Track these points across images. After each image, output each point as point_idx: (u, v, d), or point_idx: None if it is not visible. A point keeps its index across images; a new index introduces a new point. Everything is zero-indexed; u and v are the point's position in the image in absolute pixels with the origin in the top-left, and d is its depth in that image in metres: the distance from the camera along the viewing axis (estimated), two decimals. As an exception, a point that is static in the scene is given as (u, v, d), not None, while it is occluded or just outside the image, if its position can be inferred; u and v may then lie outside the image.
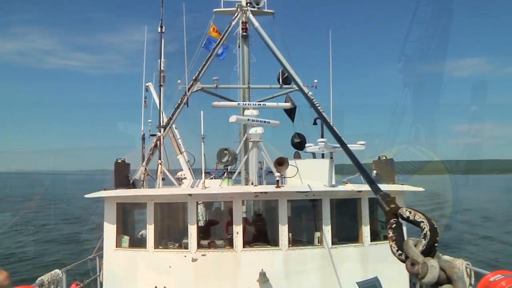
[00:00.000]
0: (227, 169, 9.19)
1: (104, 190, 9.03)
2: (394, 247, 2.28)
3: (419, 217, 2.16)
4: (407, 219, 2.24)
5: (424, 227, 2.09)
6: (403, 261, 2.17)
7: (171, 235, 9.37)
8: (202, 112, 8.60)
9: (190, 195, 8.52)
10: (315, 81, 12.24)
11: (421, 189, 9.35)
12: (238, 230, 8.44)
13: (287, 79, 12.33)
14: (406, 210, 2.28)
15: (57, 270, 8.97)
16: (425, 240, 2.06)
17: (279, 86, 12.31)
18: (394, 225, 2.39)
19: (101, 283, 10.10)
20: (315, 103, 10.76)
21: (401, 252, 2.20)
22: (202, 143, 8.53)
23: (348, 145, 9.35)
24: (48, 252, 24.71)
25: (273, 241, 8.81)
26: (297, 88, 11.52)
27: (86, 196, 9.03)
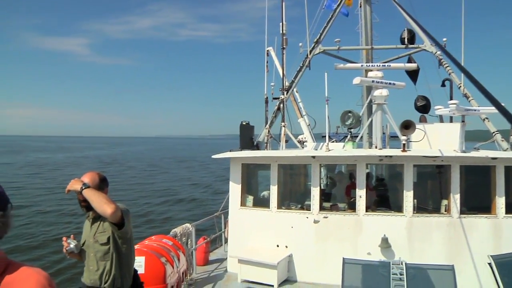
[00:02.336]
0: (350, 132, 9.03)
1: (230, 151, 9.45)
2: None
3: None
4: None
5: None
6: None
7: (293, 197, 9.57)
8: (326, 74, 8.47)
9: (313, 157, 8.54)
10: (444, 39, 11.37)
11: None
12: (361, 194, 8.32)
13: (412, 39, 11.62)
14: None
15: (187, 224, 9.64)
16: None
17: (404, 46, 11.61)
18: None
19: (226, 239, 10.73)
20: (445, 64, 10.08)
21: None
22: (326, 105, 8.43)
23: (484, 108, 8.69)
24: (179, 209, 26.73)
25: (395, 207, 8.54)
26: (424, 48, 10.81)
27: (213, 156, 9.53)
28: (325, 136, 9.98)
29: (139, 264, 5.52)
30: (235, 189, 9.38)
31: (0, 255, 1.67)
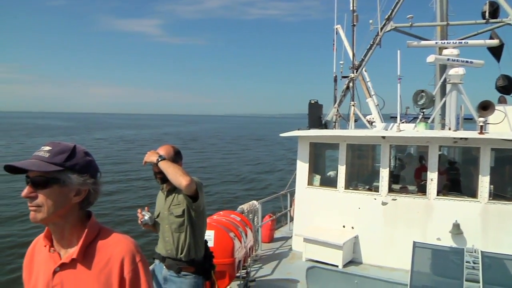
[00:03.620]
0: (423, 113, 8.65)
1: (298, 130, 9.45)
2: None
3: None
4: None
5: None
6: None
7: (360, 177, 9.43)
8: (398, 51, 8.13)
9: (383, 137, 8.32)
10: None
11: None
12: (432, 177, 7.99)
13: (495, 12, 10.76)
14: None
15: (254, 201, 9.77)
16: None
17: (484, 21, 10.79)
18: None
19: (291, 218, 10.78)
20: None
21: None
22: (398, 84, 8.12)
23: None
24: (245, 187, 27.14)
25: (468, 192, 8.12)
26: (509, 22, 10.00)
27: (282, 135, 9.57)
28: (393, 117, 9.62)
29: (209, 237, 5.70)
30: (302, 168, 9.36)
31: (93, 221, 1.81)
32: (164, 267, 4.04)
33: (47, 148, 1.72)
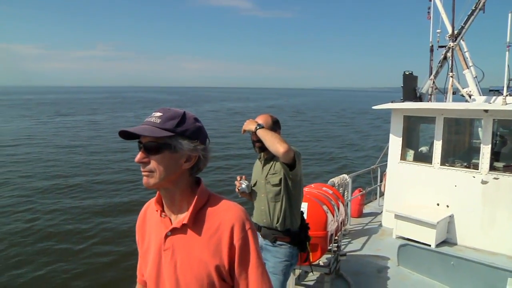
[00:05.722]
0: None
1: (392, 102, 9.09)
2: None
3: None
4: None
5: None
6: None
7: (457, 153, 8.88)
8: (510, 14, 7.27)
9: (486, 111, 7.68)
10: None
11: None
12: None
13: None
14: None
15: (345, 175, 9.64)
16: None
17: None
18: None
19: (381, 193, 10.50)
20: None
21: None
22: (507, 52, 7.35)
23: None
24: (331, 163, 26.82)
25: None
26: None
27: (374, 107, 9.26)
28: (493, 90, 8.84)
29: (303, 209, 5.77)
30: (395, 142, 9.00)
31: (202, 188, 1.85)
32: (260, 236, 4.07)
33: (158, 114, 1.76)
